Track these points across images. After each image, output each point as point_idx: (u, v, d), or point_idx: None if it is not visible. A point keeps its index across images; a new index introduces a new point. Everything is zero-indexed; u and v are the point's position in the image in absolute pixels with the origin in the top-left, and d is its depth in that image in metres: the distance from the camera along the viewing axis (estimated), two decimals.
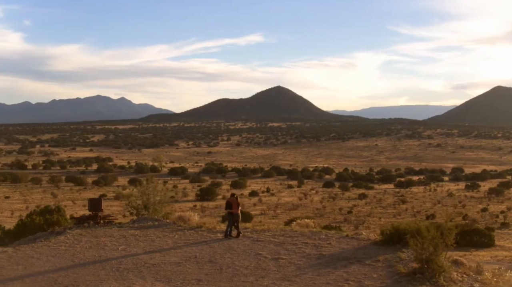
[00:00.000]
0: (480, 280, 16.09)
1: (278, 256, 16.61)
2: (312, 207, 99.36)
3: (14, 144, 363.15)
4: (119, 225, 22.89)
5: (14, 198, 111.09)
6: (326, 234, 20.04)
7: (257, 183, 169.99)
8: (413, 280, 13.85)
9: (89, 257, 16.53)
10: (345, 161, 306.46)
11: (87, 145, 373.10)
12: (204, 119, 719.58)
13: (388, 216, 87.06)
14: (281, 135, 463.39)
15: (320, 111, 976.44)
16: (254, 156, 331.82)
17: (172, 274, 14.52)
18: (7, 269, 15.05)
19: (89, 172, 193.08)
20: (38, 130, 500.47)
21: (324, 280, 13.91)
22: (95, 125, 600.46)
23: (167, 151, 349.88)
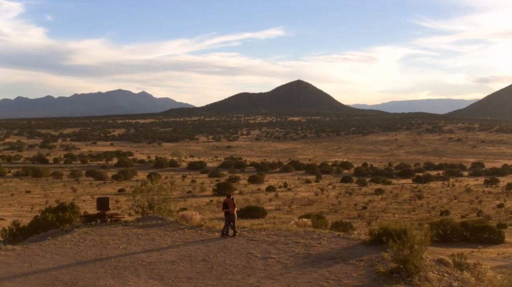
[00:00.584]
0: (461, 279, 16.87)
1: (268, 255, 17.50)
2: (327, 203, 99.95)
3: (36, 138, 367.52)
4: (124, 223, 23.92)
5: (35, 192, 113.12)
6: (319, 233, 20.84)
7: (275, 177, 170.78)
8: (390, 279, 14.66)
9: (91, 255, 17.56)
10: (364, 155, 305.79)
11: (108, 139, 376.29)
12: (224, 114, 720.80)
13: (402, 211, 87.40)
14: (301, 129, 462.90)
15: (340, 105, 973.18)
16: (273, 150, 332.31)
17: (166, 272, 15.49)
18: (13, 266, 16.15)
19: (109, 166, 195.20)
20: (60, 125, 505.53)
21: (306, 278, 14.78)
22: (116, 120, 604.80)
23: (187, 145, 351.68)
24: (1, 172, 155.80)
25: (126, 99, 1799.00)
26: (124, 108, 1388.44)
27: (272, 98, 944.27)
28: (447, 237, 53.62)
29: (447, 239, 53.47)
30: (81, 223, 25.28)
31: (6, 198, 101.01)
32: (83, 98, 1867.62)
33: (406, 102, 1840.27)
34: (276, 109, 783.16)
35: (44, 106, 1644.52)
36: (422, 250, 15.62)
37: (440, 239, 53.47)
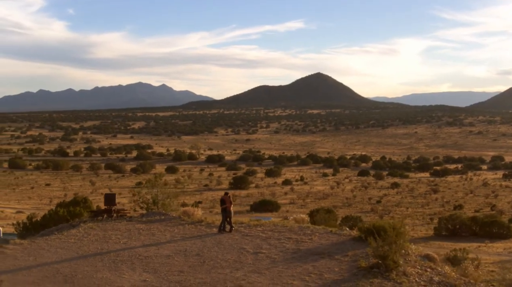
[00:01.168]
0: (443, 273, 17.62)
1: (259, 250, 18.36)
2: (342, 196, 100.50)
3: (57, 131, 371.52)
4: (129, 219, 24.93)
5: (54, 185, 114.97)
6: (312, 229, 21.66)
7: (293, 171, 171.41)
8: (369, 273, 15.45)
9: (93, 250, 18.56)
10: (383, 148, 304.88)
11: (127, 132, 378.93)
12: (244, 106, 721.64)
13: (416, 206, 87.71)
14: (320, 122, 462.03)
15: (360, 98, 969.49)
16: (292, 143, 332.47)
17: (160, 265, 16.44)
18: (19, 260, 17.22)
19: (128, 159, 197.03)
20: (80, 117, 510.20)
21: (290, 272, 15.63)
22: (136, 113, 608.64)
23: (206, 138, 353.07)
24: (22, 164, 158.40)
25: (146, 92, 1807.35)
26: (145, 101, 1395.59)
27: (292, 91, 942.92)
28: (456, 231, 54.10)
29: (456, 233, 53.94)
30: (88, 218, 26.37)
31: (26, 190, 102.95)
32: (104, 91, 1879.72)
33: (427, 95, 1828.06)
34: (295, 102, 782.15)
35: (65, 99, 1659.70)
36: (401, 247, 16.39)
37: (449, 233, 54.01)
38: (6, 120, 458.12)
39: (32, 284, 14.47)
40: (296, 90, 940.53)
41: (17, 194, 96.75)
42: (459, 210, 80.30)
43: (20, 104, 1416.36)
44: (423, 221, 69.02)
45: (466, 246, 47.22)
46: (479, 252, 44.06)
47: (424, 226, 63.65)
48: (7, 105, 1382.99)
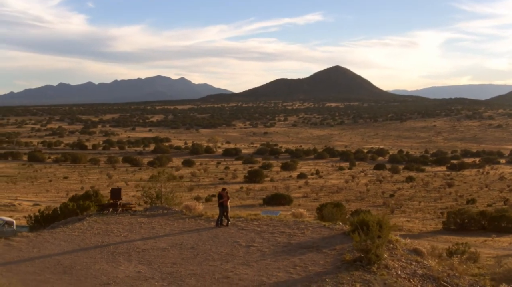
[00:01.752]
0: (427, 267, 18.33)
1: (252, 243, 19.15)
2: (356, 190, 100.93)
3: (77, 124, 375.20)
4: (132, 213, 25.85)
5: (72, 178, 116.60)
6: (306, 224, 22.40)
7: (309, 164, 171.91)
8: (351, 266, 16.16)
9: (94, 242, 19.47)
10: (401, 142, 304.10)
11: (146, 125, 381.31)
12: (262, 100, 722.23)
13: (429, 200, 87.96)
14: (338, 115, 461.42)
15: (379, 91, 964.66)
16: (309, 137, 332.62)
17: (155, 258, 17.30)
18: (24, 251, 18.19)
19: (146, 153, 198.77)
20: (100, 111, 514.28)
21: (277, 265, 16.41)
22: (154, 106, 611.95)
23: (224, 131, 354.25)
24: (41, 158, 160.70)
25: (165, 85, 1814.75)
26: (163, 94, 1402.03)
27: (310, 84, 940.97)
28: (465, 226, 54.55)
29: (465, 228, 54.40)
30: (96, 211, 27.37)
31: (44, 183, 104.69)
32: (123, 85, 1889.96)
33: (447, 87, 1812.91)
34: (314, 95, 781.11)
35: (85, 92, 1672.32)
36: (384, 241, 17.10)
37: (457, 228, 54.49)
38: (27, 113, 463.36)
39: (32, 274, 15.42)
40: (315, 83, 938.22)
41: (35, 187, 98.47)
42: (471, 204, 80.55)
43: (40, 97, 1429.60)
44: (434, 215, 69.41)
45: (472, 240, 47.74)
46: (485, 246, 44.60)
47: (435, 220, 64.08)
48: (28, 98, 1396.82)
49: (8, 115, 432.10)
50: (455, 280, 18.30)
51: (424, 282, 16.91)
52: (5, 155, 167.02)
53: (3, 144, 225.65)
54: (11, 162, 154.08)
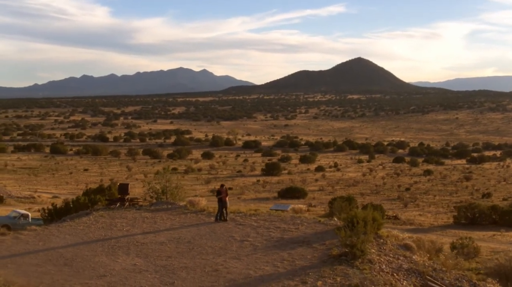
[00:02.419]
0: (414, 261, 19.07)
1: (246, 238, 20.00)
2: (372, 183, 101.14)
3: (99, 116, 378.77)
4: (138, 207, 26.83)
5: (92, 170, 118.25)
6: (302, 219, 23.20)
7: (328, 157, 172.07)
8: (336, 261, 16.95)
9: (97, 236, 20.46)
10: (423, 134, 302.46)
11: (167, 117, 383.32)
12: (284, 92, 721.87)
13: (444, 193, 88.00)
14: (360, 108, 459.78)
15: (401, 83, 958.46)
16: (330, 129, 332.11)
17: (152, 251, 18.24)
18: (30, 244, 19.25)
19: (166, 145, 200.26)
20: (122, 103, 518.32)
21: (266, 259, 17.25)
22: (176, 98, 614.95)
23: (245, 123, 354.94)
24: (63, 150, 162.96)
25: (187, 77, 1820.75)
26: (185, 86, 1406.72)
27: (332, 76, 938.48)
28: (476, 220, 54.81)
29: (476, 222, 54.66)
30: (105, 206, 28.43)
31: (65, 176, 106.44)
32: (145, 77, 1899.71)
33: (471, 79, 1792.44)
34: (335, 87, 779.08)
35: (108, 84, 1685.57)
36: (368, 237, 17.87)
37: (468, 222, 54.79)
38: (51, 105, 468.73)
39: (35, 266, 16.45)
40: (337, 75, 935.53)
41: (55, 179, 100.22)
42: (487, 198, 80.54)
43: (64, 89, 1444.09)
44: (447, 209, 69.60)
45: (481, 234, 48.13)
46: (492, 241, 44.95)
47: (447, 214, 64.29)
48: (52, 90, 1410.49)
49: (32, 107, 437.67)
50: (440, 274, 19.04)
51: (408, 276, 17.67)
52: (28, 147, 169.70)
53: (26, 136, 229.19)
54: (34, 154, 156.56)
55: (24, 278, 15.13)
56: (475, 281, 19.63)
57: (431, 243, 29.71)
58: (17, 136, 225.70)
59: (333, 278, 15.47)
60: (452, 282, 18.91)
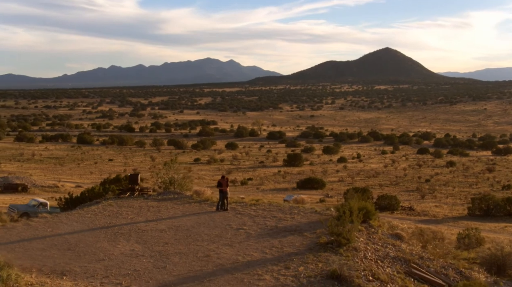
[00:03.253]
0: (401, 250, 19.91)
1: (242, 227, 20.99)
2: (393, 175, 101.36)
3: (127, 106, 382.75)
4: (147, 197, 28.05)
5: (116, 160, 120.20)
6: (299, 209, 24.10)
7: (352, 148, 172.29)
8: (323, 248, 17.84)
9: (102, 224, 21.60)
10: (450, 125, 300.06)
11: (194, 108, 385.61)
12: (310, 82, 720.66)
13: (464, 185, 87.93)
14: (387, 98, 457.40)
15: (430, 74, 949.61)
16: (356, 120, 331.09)
17: (151, 238, 19.31)
18: (39, 230, 20.47)
19: (191, 135, 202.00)
20: (149, 93, 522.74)
21: (256, 246, 18.21)
22: (203, 88, 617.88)
23: (271, 114, 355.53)
24: (90, 140, 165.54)
25: (214, 68, 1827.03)
26: (213, 76, 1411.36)
27: (359, 67, 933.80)
28: (490, 211, 55.17)
29: (490, 214, 55.04)
30: (115, 195, 29.67)
31: (89, 165, 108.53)
32: (173, 67, 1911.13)
33: (502, 69, 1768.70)
34: (362, 77, 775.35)
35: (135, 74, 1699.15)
36: (355, 227, 18.74)
37: (482, 213, 55.19)
38: (79, 95, 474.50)
39: (40, 250, 17.66)
40: (364, 66, 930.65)
41: (80, 169, 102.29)
42: (506, 190, 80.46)
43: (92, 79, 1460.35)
44: (465, 200, 69.81)
45: (492, 226, 48.64)
46: (503, 232, 45.43)
47: (464, 205, 64.57)
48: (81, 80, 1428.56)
49: (61, 97, 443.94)
50: (427, 262, 19.86)
51: (393, 263, 18.53)
52: (55, 137, 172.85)
53: (55, 126, 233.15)
54: (61, 144, 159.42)
55: (29, 261, 16.34)
56: (461, 269, 20.41)
57: (432, 233, 30.50)
58: (46, 127, 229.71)
59: (315, 264, 16.41)
60: (438, 270, 19.72)
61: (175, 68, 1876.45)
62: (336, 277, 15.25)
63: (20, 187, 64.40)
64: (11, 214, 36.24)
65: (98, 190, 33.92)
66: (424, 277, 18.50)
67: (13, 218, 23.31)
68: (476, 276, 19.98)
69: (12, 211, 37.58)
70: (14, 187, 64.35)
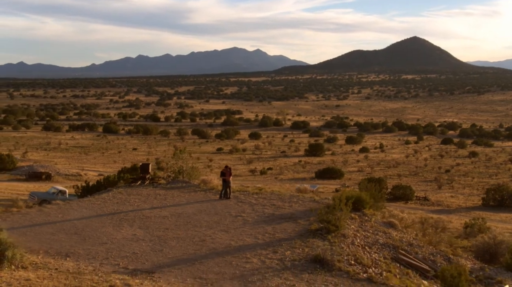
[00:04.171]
0: (391, 237, 20.88)
1: (240, 214, 22.09)
2: (413, 165, 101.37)
3: (153, 96, 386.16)
4: (155, 185, 29.30)
5: (140, 149, 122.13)
6: (299, 197, 25.10)
7: (376, 138, 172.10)
8: (312, 234, 18.87)
9: (109, 210, 22.85)
10: (477, 115, 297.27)
11: (220, 97, 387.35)
12: (337, 72, 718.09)
13: (484, 176, 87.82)
14: (413, 88, 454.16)
15: (458, 63, 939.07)
16: (382, 110, 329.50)
17: (153, 224, 20.51)
18: (51, 216, 21.81)
19: (216, 125, 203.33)
20: (176, 83, 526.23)
21: (250, 232, 19.32)
22: (229, 78, 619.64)
23: (296, 103, 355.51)
24: (115, 129, 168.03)
25: (241, 57, 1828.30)
26: (239, 66, 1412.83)
27: (387, 56, 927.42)
28: (504, 202, 55.51)
29: (504, 204, 55.36)
30: (127, 184, 31.00)
31: (113, 155, 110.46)
32: (199, 56, 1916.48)
33: None
34: (389, 67, 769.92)
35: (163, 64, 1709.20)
36: (344, 215, 19.74)
37: (496, 204, 55.56)
38: (106, 85, 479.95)
39: (49, 234, 19.01)
40: (391, 55, 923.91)
41: (104, 158, 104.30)
42: None
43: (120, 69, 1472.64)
44: (482, 191, 69.89)
45: (503, 216, 49.13)
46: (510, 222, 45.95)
47: (480, 196, 64.76)
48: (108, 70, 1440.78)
49: (89, 87, 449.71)
50: (416, 249, 20.83)
51: (382, 250, 19.54)
52: (82, 126, 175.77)
53: (82, 115, 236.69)
54: (87, 133, 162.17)
55: (37, 244, 17.69)
56: (450, 256, 21.33)
57: (434, 222, 31.39)
58: (73, 116, 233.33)
59: (302, 249, 17.49)
60: (426, 256, 20.68)
61: (201, 57, 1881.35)
62: (319, 260, 16.32)
63: (44, 175, 66.30)
64: (31, 201, 38.04)
65: (113, 179, 35.31)
66: (410, 263, 19.47)
67: (28, 204, 24.77)
68: (463, 262, 20.88)
69: (32, 198, 39.33)
70: (38, 175, 66.29)
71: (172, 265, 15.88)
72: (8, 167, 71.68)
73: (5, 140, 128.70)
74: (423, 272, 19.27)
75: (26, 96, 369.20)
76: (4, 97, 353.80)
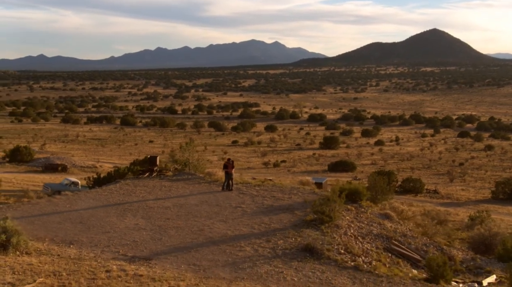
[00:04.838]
0: (385, 228, 21.57)
1: (240, 205, 22.84)
2: (427, 158, 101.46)
3: (171, 88, 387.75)
4: (162, 177, 30.14)
5: (157, 142, 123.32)
6: (299, 189, 25.83)
7: (392, 131, 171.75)
8: (306, 225, 19.62)
9: (115, 201, 23.76)
10: (496, 108, 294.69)
11: (237, 90, 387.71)
12: (355, 64, 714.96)
13: (498, 169, 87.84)
14: (432, 81, 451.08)
15: (479, 55, 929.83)
16: (400, 103, 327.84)
17: (156, 214, 21.36)
18: (59, 206, 22.76)
19: (233, 118, 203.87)
20: (194, 75, 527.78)
21: (247, 222, 20.12)
22: (247, 70, 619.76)
23: (314, 96, 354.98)
24: (132, 122, 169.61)
25: (259, 50, 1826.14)
26: (257, 58, 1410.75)
27: (406, 48, 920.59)
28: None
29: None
30: (135, 176, 31.93)
31: (130, 147, 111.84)
32: (218, 49, 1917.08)
33: None
34: (409, 59, 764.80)
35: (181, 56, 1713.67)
36: (339, 206, 20.44)
37: (506, 197, 55.85)
38: (125, 77, 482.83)
39: (56, 223, 19.97)
40: (410, 47, 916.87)
41: (121, 150, 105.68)
42: None
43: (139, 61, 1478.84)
44: (494, 185, 69.99)
45: (511, 209, 49.45)
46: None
47: (491, 189, 64.97)
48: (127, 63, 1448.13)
49: (108, 79, 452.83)
50: (409, 240, 21.51)
51: (375, 240, 20.25)
52: (100, 118, 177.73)
53: (100, 107, 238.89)
54: (105, 126, 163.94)
55: (44, 232, 18.66)
56: (443, 247, 21.97)
57: (436, 214, 31.99)
58: (91, 108, 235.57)
59: (295, 238, 18.27)
60: (419, 247, 21.35)
61: (220, 50, 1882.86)
62: (309, 249, 17.10)
63: (60, 167, 67.61)
64: (45, 192, 39.18)
65: (123, 171, 36.27)
66: (402, 253, 20.16)
67: (39, 195, 25.78)
68: (455, 253, 21.53)
69: (46, 189, 40.48)
70: (54, 166, 67.61)
71: (169, 253, 16.74)
72: (25, 159, 73.12)
73: (24, 133, 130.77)
74: (415, 261, 19.94)
75: (45, 88, 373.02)
76: (24, 90, 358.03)
